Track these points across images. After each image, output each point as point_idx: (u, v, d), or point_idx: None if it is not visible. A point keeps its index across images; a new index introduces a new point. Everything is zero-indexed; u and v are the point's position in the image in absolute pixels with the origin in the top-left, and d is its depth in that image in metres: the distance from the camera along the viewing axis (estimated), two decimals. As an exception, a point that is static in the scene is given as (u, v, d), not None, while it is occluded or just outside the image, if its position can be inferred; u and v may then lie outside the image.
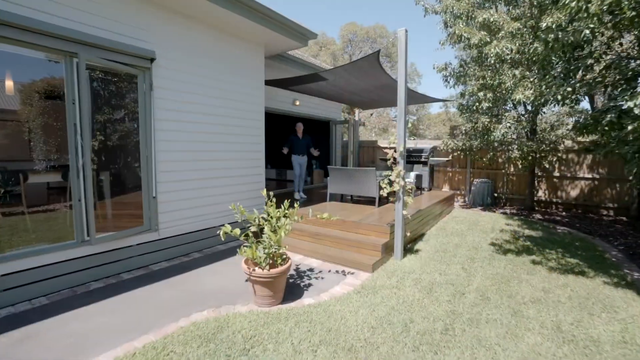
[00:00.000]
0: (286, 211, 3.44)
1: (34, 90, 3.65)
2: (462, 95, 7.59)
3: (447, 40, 8.34)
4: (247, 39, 5.39)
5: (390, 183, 4.39)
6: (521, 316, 2.90)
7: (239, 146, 5.37)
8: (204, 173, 4.84)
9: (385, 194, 4.37)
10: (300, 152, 7.16)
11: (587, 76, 3.86)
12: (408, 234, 4.66)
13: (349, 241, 4.50)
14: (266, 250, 3.11)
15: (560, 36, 2.97)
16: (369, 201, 6.60)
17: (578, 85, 3.68)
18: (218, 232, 3.22)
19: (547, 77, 4.68)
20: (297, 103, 8.38)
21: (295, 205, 3.54)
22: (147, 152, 4.11)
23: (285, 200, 3.64)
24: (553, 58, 4.49)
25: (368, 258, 4.20)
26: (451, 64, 8.27)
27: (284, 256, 3.32)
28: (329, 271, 4.10)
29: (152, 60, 4.04)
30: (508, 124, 6.75)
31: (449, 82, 8.20)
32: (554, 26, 3.42)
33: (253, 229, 3.22)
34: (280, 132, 11.64)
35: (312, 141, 7.48)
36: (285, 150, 7.09)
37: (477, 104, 7.33)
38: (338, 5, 57.21)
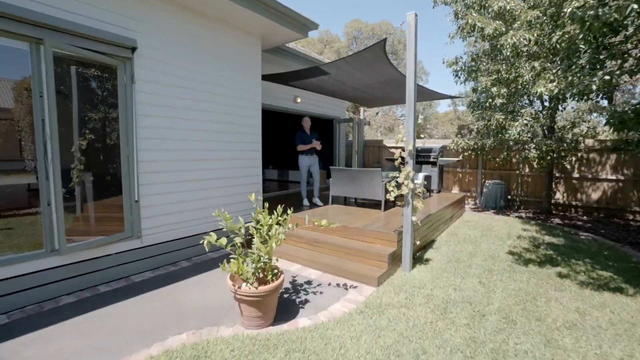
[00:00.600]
0: (279, 218, 3.02)
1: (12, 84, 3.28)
2: (475, 90, 7.10)
3: (457, 33, 7.85)
4: (243, 29, 4.98)
5: (398, 185, 3.94)
6: (556, 346, 2.43)
7: (233, 145, 4.96)
8: (194, 174, 4.44)
9: (392, 198, 3.92)
10: (309, 151, 6.29)
11: (626, 64, 3.37)
12: (418, 243, 4.21)
13: (352, 250, 4.06)
14: (254, 265, 2.69)
15: (600, 13, 2.50)
16: (375, 204, 6.15)
17: (618, 72, 3.19)
18: (201, 242, 2.81)
19: (574, 67, 4.19)
20: (299, 100, 7.97)
21: (289, 211, 3.11)
22: (129, 151, 3.72)
23: (279, 206, 3.21)
24: (581, 46, 4.00)
25: (373, 269, 3.75)
26: (462, 57, 7.78)
27: (276, 270, 2.89)
28: (329, 284, 3.66)
29: (133, 49, 3.65)
30: (525, 121, 6.24)
31: (459, 78, 7.70)
32: (587, 5, 2.94)
33: (239, 239, 2.80)
34: (282, 131, 11.26)
35: (319, 138, 6.78)
36: (302, 148, 6.12)
37: (490, 100, 6.85)
38: (340, 5, 56.71)
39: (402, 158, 3.86)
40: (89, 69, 3.50)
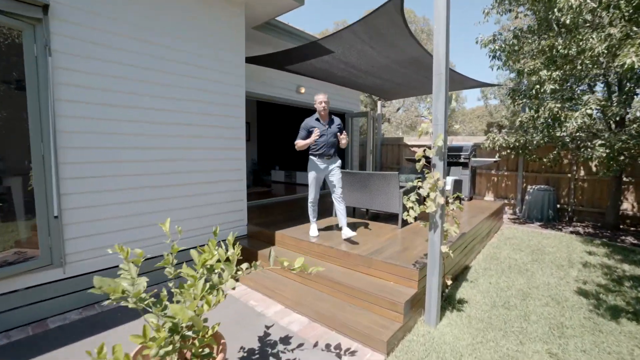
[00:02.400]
0: (227, 255, 1.87)
1: None
2: (520, 73, 5.67)
3: (494, 6, 6.46)
4: (218, -6, 3.90)
5: (420, 199, 2.70)
6: None
7: (206, 142, 3.89)
8: (148, 179, 3.39)
9: (411, 220, 2.66)
10: (326, 152, 3.70)
11: None
12: (449, 283, 2.95)
13: (354, 289, 2.86)
14: (164, 349, 1.54)
15: None
16: (391, 217, 4.90)
17: None
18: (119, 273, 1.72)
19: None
20: (302, 91, 6.82)
21: (236, 246, 1.94)
22: (43, 149, 2.70)
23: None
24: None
25: (382, 323, 2.54)
26: (501, 34, 6.36)
27: (209, 354, 1.73)
28: (315, 345, 2.48)
29: (45, 7, 2.63)
30: (589, 111, 4.77)
31: (498, 59, 6.29)
32: None
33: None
34: (289, 127, 10.14)
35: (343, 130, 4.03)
36: (299, 145, 3.75)
37: (538, 86, 5.41)
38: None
39: (427, 159, 2.61)
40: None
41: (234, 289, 1.84)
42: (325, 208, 5.02)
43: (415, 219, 2.77)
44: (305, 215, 4.16)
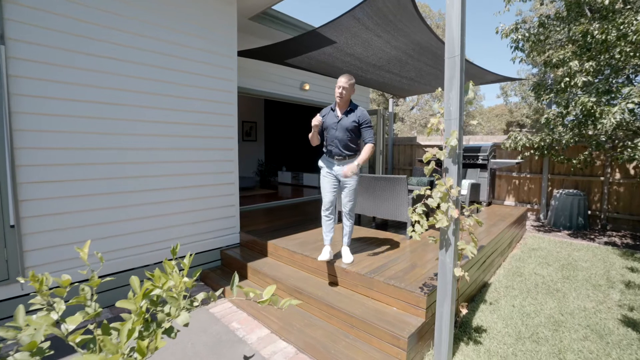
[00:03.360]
0: (183, 281, 1.47)
1: None
2: (547, 64, 5.07)
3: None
4: (206, -21, 3.53)
5: (428, 211, 2.24)
6: None
7: (192, 142, 3.53)
8: (123, 184, 3.05)
9: (417, 237, 2.19)
10: (335, 152, 2.95)
11: None
12: (464, 312, 2.46)
13: (351, 317, 2.41)
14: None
15: None
16: (400, 225, 4.43)
17: None
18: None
19: None
20: (307, 87, 6.41)
21: (182, 272, 1.53)
22: (-3, 150, 2.40)
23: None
24: None
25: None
26: (525, 22, 5.76)
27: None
28: (300, 387, 2.06)
29: (-4, -12, 2.32)
30: (630, 105, 4.14)
31: (521, 50, 5.70)
32: None
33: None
34: (296, 126, 9.75)
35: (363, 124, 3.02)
36: (310, 135, 3.01)
37: (567, 79, 4.81)
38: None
39: (438, 162, 2.13)
40: None
41: (186, 325, 1.44)
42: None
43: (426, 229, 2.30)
44: (308, 220, 3.71)
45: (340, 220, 3.71)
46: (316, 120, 2.89)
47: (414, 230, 2.17)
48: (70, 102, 2.71)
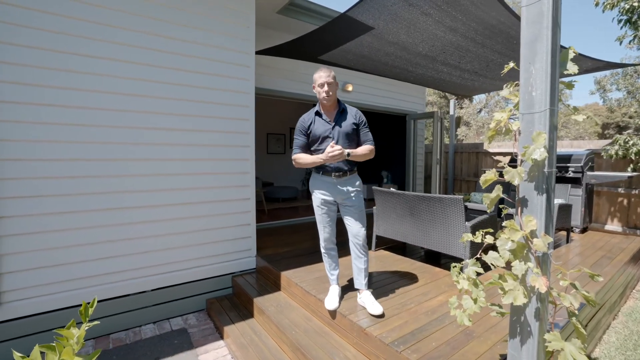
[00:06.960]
0: None
1: None
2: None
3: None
4: (219, -35, 3.09)
5: (481, 267, 1.35)
6: None
7: (203, 151, 3.08)
8: (120, 199, 2.70)
9: (465, 318, 1.32)
10: (333, 166, 2.22)
11: None
12: None
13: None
14: None
15: None
16: (455, 259, 3.44)
17: None
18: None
19: None
20: (350, 88, 5.72)
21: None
22: (-28, 162, 2.17)
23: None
24: None
25: None
26: (642, -12, 4.30)
27: None
28: None
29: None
30: None
31: (633, 25, 4.25)
32: None
33: None
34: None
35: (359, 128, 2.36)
36: (301, 158, 2.27)
37: None
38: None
39: (508, 186, 1.26)
40: None
41: None
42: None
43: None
44: (339, 244, 2.80)
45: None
46: (332, 144, 2.13)
47: (463, 312, 1.30)
48: (52, 108, 2.43)
